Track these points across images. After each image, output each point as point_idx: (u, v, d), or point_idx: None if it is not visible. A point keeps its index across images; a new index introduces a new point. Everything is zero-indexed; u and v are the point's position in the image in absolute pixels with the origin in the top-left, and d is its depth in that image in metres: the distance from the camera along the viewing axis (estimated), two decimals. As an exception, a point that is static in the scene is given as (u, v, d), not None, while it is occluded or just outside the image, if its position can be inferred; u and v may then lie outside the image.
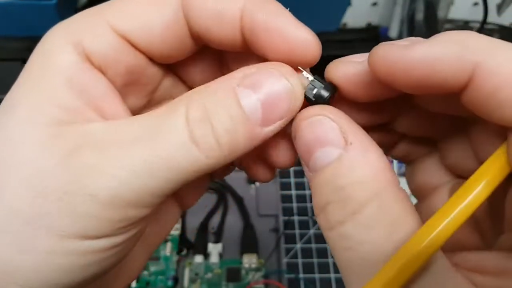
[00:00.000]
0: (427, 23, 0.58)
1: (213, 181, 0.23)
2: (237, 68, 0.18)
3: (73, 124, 0.15)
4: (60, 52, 0.15)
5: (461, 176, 0.18)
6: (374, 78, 0.15)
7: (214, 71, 0.19)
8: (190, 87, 0.20)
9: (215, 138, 0.14)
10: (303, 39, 0.15)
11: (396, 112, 0.18)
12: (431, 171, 0.19)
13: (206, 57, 0.19)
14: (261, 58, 0.16)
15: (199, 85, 0.19)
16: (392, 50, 0.14)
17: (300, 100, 0.16)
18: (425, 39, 0.14)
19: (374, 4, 0.58)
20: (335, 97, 0.17)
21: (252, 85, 0.15)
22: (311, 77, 0.16)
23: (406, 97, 0.16)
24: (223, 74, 0.19)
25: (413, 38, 0.15)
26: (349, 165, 0.14)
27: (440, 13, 0.56)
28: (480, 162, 0.15)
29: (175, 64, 0.18)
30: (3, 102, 0.15)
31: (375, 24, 0.60)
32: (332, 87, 0.16)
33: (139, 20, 0.16)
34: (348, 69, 0.16)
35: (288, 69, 0.15)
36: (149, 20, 0.16)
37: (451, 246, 0.15)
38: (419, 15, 0.58)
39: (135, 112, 0.18)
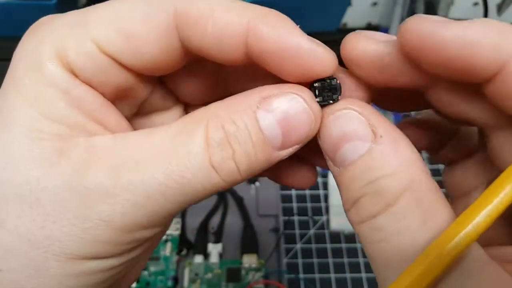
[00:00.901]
0: (427, 23, 0.58)
1: None
2: (238, 81, 0.18)
3: (75, 138, 0.14)
4: (50, 64, 0.14)
5: None
6: (397, 60, 0.15)
7: (209, 82, 0.19)
8: (183, 99, 0.20)
9: (235, 163, 0.14)
10: (319, 56, 0.14)
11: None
12: (471, 172, 0.19)
13: (200, 69, 0.18)
14: (265, 71, 0.15)
15: (191, 97, 0.19)
16: (427, 23, 0.13)
17: (319, 124, 0.15)
18: (460, 20, 0.13)
19: (374, 4, 0.58)
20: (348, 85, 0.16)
21: (274, 109, 0.14)
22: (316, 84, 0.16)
23: (418, 93, 0.16)
24: (219, 86, 0.18)
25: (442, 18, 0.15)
26: (380, 158, 0.14)
27: (440, 13, 0.56)
28: None
29: (164, 75, 0.18)
30: None
31: (375, 24, 0.60)
32: (337, 85, 0.16)
33: (127, 37, 0.14)
34: (369, 47, 0.15)
35: (309, 94, 0.15)
36: (137, 37, 0.14)
37: (485, 240, 0.14)
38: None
39: None
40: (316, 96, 0.15)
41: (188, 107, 0.20)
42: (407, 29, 0.13)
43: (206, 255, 0.47)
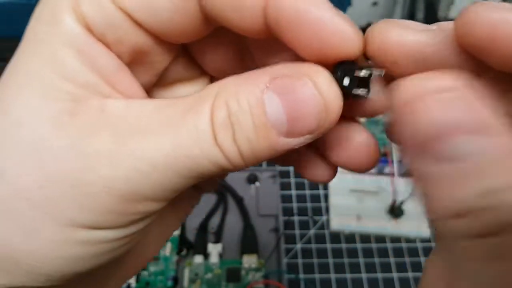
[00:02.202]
0: (427, 22, 0.58)
1: None
2: (261, 55, 0.17)
3: (89, 100, 0.13)
4: (65, 20, 0.13)
5: None
6: (443, 52, 0.13)
7: (234, 54, 0.17)
8: (206, 71, 0.18)
9: (236, 145, 0.13)
10: (341, 32, 0.13)
11: None
12: None
13: (224, 39, 0.17)
14: (289, 48, 0.14)
15: (216, 69, 0.18)
16: (496, 11, 0.11)
17: (336, 115, 0.14)
18: None
19: (374, 4, 0.58)
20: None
21: (281, 91, 0.13)
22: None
23: None
24: (244, 59, 0.17)
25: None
26: (504, 162, 0.11)
27: (441, 13, 0.56)
28: None
29: (188, 44, 0.17)
30: (4, 74, 0.14)
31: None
32: (367, 66, 0.14)
33: None
34: (407, 37, 0.13)
35: (325, 80, 0.13)
36: None
37: None
38: (419, 15, 0.58)
39: (144, 90, 0.17)
40: (338, 81, 0.14)
41: (214, 80, 0.19)
42: (472, 18, 0.12)
43: (206, 255, 0.47)
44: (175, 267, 0.46)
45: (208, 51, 0.17)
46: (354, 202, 0.51)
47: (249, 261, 0.46)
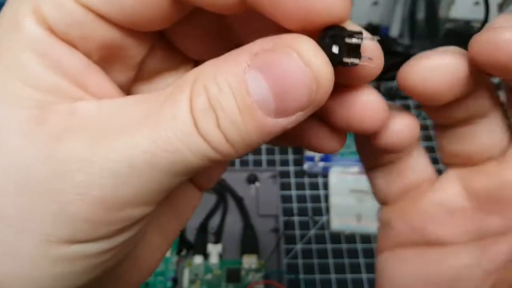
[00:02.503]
0: (428, 22, 0.58)
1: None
2: (243, 31, 0.15)
3: (56, 105, 0.12)
4: (26, 23, 0.12)
5: None
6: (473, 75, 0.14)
7: (215, 34, 0.16)
8: (189, 57, 0.17)
9: (221, 131, 0.12)
10: None
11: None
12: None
13: (202, 20, 0.15)
14: (271, 21, 0.13)
15: (199, 53, 0.16)
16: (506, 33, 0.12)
17: (330, 86, 0.12)
18: None
19: (375, 3, 0.58)
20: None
21: (263, 67, 0.12)
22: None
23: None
24: (227, 38, 0.16)
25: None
26: None
27: (441, 13, 0.56)
28: None
29: (164, 31, 0.15)
30: None
31: (376, 23, 0.60)
32: (357, 31, 0.13)
33: None
34: (442, 67, 0.14)
35: (310, 48, 0.12)
36: None
37: None
38: (420, 15, 0.58)
39: (122, 88, 0.15)
40: (326, 49, 0.12)
41: (198, 64, 0.17)
42: (484, 43, 0.13)
43: (205, 256, 0.47)
44: (174, 267, 0.46)
45: (186, 35, 0.16)
46: (355, 202, 0.51)
47: (249, 261, 0.46)
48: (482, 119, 0.16)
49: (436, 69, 0.14)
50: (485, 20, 0.52)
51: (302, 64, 0.12)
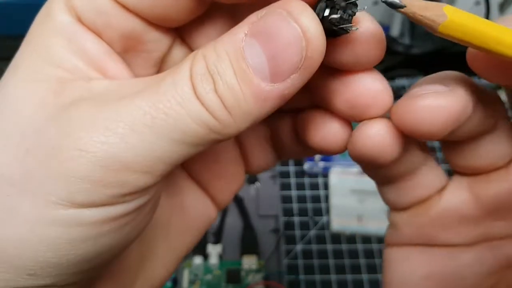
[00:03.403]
0: (428, 22, 0.57)
1: (248, 173, 0.20)
2: None
3: (75, 81, 0.14)
4: (57, 13, 0.14)
5: None
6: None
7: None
8: None
9: (218, 96, 0.12)
10: None
11: None
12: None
13: (218, 17, 0.16)
14: None
15: None
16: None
17: (319, 44, 0.12)
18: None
19: (375, 3, 0.57)
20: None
21: (258, 32, 0.12)
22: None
23: None
24: None
25: None
26: None
27: (442, 13, 0.56)
28: None
29: (183, 29, 0.16)
30: (9, 66, 0.15)
31: (376, 23, 0.60)
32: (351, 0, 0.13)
33: None
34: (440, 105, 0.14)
35: (298, 7, 0.12)
36: None
37: None
38: (421, 15, 0.58)
39: None
40: (318, 13, 0.13)
41: None
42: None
43: (205, 256, 0.47)
44: (174, 268, 0.46)
45: (204, 32, 0.17)
46: (355, 202, 0.50)
47: (249, 262, 0.46)
48: (490, 134, 0.16)
49: (435, 111, 0.14)
50: (486, 20, 0.52)
51: (291, 21, 0.12)
